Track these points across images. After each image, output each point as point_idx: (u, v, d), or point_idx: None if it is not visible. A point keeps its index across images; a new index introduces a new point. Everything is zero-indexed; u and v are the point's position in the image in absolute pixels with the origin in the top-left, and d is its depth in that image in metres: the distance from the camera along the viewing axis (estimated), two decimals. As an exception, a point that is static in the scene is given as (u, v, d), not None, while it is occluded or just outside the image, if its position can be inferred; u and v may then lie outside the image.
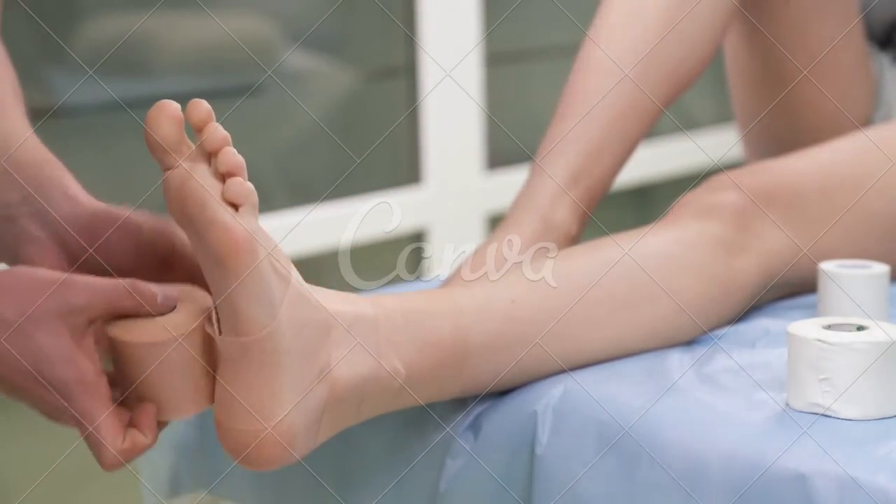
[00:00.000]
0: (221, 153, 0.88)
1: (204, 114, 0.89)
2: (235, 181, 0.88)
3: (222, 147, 0.89)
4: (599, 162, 1.23)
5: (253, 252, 0.88)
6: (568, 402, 1.03)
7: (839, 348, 0.96)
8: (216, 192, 0.88)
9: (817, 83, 1.42)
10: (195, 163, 0.89)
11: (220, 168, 0.88)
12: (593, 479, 1.00)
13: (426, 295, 1.03)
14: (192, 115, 0.89)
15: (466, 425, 1.06)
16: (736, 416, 0.97)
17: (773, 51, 1.43)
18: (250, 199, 0.89)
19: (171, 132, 0.88)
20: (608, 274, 1.07)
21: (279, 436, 0.92)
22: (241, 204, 0.89)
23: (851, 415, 0.96)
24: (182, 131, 0.89)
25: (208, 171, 0.89)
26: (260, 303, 0.90)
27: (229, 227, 0.88)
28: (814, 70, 1.42)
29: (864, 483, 0.89)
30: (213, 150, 0.89)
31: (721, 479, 0.94)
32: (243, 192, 0.89)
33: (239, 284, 0.89)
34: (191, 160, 0.89)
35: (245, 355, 0.91)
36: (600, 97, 1.24)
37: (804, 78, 1.42)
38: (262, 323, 0.90)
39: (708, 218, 1.14)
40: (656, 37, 1.26)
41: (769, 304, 1.21)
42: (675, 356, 1.08)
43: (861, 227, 1.20)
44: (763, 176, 1.19)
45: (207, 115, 0.89)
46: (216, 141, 0.89)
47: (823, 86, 1.43)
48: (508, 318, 1.03)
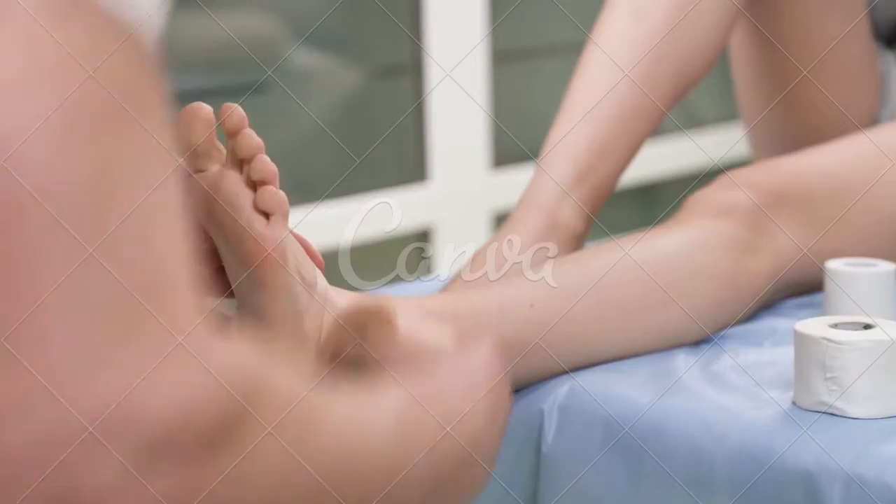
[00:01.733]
0: (255, 160, 0.87)
1: (238, 119, 0.87)
2: (268, 190, 0.87)
3: (256, 154, 0.87)
4: (605, 160, 1.23)
5: (282, 262, 0.88)
6: (574, 400, 1.03)
7: (846, 347, 0.96)
8: (247, 199, 0.88)
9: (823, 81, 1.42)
10: (226, 168, 0.88)
11: (253, 175, 0.87)
12: (599, 476, 1.00)
13: (443, 297, 1.02)
14: (226, 119, 0.88)
15: (472, 423, 1.06)
16: (742, 414, 0.97)
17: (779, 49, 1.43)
18: (282, 207, 0.88)
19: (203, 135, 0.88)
20: (622, 277, 1.07)
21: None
22: (273, 213, 0.88)
23: (858, 413, 0.96)
24: (214, 135, 0.88)
25: (239, 178, 0.88)
26: (286, 311, 0.89)
27: (261, 238, 0.87)
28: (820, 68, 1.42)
29: (871, 481, 0.89)
30: (247, 156, 0.87)
31: (727, 477, 0.94)
32: (276, 200, 0.87)
33: (267, 294, 0.88)
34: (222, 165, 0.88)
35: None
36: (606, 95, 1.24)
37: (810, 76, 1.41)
38: (288, 332, 0.90)
39: (720, 217, 1.13)
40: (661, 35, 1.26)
41: (776, 302, 1.21)
42: (682, 355, 1.08)
43: (871, 228, 1.20)
44: (774, 175, 1.19)
45: (241, 121, 0.87)
46: (250, 148, 0.87)
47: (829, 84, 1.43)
48: (527, 321, 1.03)
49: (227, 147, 0.88)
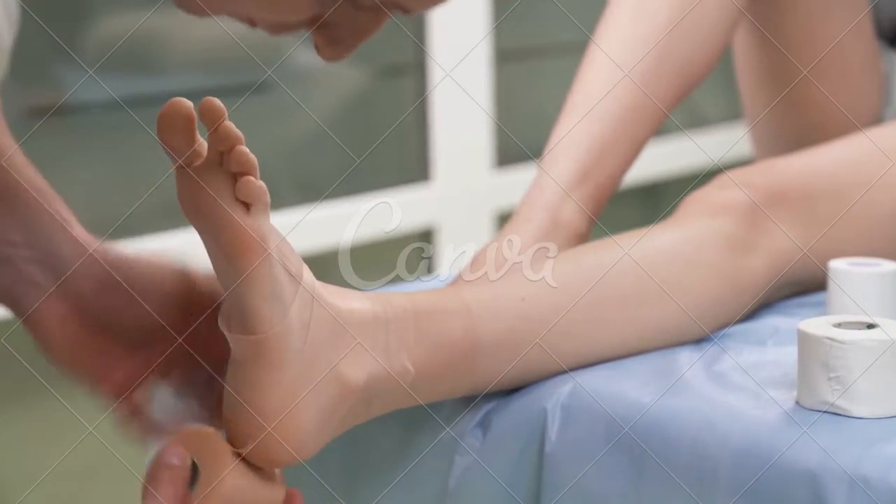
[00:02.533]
0: (234, 152, 0.88)
1: (216, 112, 0.88)
2: (247, 180, 0.88)
3: (234, 146, 0.88)
4: (608, 159, 1.23)
5: (263, 251, 0.89)
6: (577, 399, 1.03)
7: (849, 346, 0.96)
8: (228, 190, 0.88)
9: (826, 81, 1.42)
10: (208, 161, 0.89)
11: (232, 167, 0.88)
12: (602, 475, 1.00)
13: (436, 293, 1.03)
14: (205, 113, 0.88)
15: (475, 423, 1.06)
16: (745, 414, 0.97)
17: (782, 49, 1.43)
18: (262, 198, 0.89)
19: (184, 130, 0.88)
20: (618, 272, 1.07)
21: (288, 435, 0.92)
22: (253, 203, 0.89)
23: (862, 413, 0.96)
24: (195, 130, 0.88)
25: (220, 170, 0.89)
26: (270, 302, 0.90)
27: (240, 227, 0.88)
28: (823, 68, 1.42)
29: (875, 482, 0.89)
30: (226, 148, 0.88)
31: (730, 477, 0.94)
32: (255, 190, 0.88)
33: (249, 283, 0.89)
34: (203, 158, 0.89)
35: (254, 353, 0.91)
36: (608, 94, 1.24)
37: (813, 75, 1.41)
38: (271, 322, 0.90)
39: (718, 216, 1.13)
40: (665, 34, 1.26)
41: (779, 301, 1.21)
42: (685, 354, 1.08)
43: (872, 227, 1.20)
44: (773, 174, 1.19)
45: (220, 114, 0.88)
46: (228, 139, 0.88)
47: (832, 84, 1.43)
48: (519, 316, 1.03)
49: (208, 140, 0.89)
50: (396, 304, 0.99)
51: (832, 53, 1.42)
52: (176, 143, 0.88)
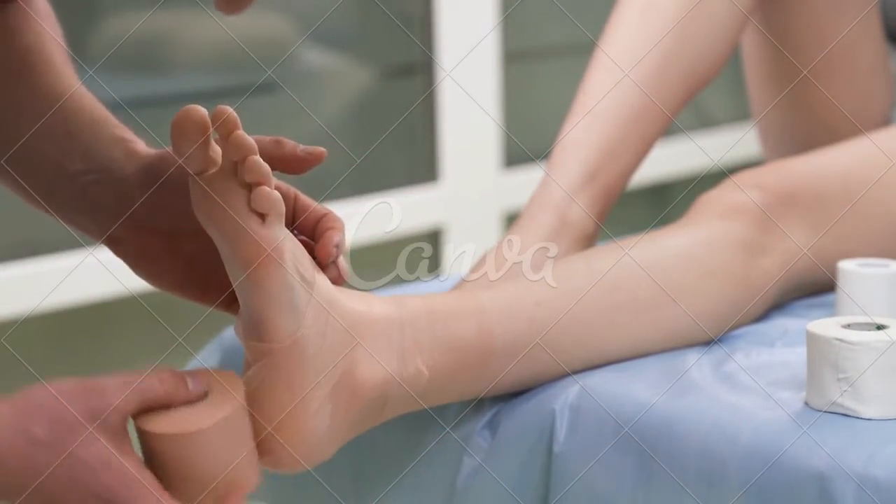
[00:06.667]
0: (248, 162, 0.88)
1: (230, 122, 0.88)
2: (262, 190, 0.88)
3: (248, 156, 0.88)
4: (616, 160, 1.23)
5: (279, 262, 0.88)
6: (585, 400, 1.03)
7: (858, 347, 0.95)
8: (242, 200, 0.88)
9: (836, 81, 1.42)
10: (222, 170, 0.89)
11: (246, 177, 0.88)
12: (610, 476, 1.00)
13: (450, 296, 1.03)
14: (218, 122, 0.88)
15: (484, 423, 1.06)
16: (754, 414, 0.97)
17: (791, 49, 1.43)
18: (276, 207, 0.89)
19: (198, 138, 0.88)
20: (631, 277, 1.07)
21: (302, 440, 0.91)
22: (268, 213, 0.88)
23: (870, 414, 0.96)
24: (209, 137, 0.88)
25: (235, 180, 0.88)
26: (285, 311, 0.90)
27: (256, 238, 0.88)
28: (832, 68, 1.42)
29: (883, 482, 0.89)
30: (239, 158, 0.88)
31: (739, 478, 0.94)
32: (270, 201, 0.88)
33: (264, 294, 0.89)
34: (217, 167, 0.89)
35: (270, 361, 0.91)
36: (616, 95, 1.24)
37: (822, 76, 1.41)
38: (287, 331, 0.90)
39: (730, 218, 1.13)
40: (673, 35, 1.26)
41: (788, 303, 1.20)
42: (693, 355, 1.08)
43: (883, 228, 1.19)
44: (784, 176, 1.19)
45: (233, 123, 0.88)
46: (242, 150, 0.88)
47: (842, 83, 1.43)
48: (533, 320, 1.03)
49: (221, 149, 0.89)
50: (411, 306, 0.99)
51: (841, 53, 1.42)
52: (189, 150, 0.87)
